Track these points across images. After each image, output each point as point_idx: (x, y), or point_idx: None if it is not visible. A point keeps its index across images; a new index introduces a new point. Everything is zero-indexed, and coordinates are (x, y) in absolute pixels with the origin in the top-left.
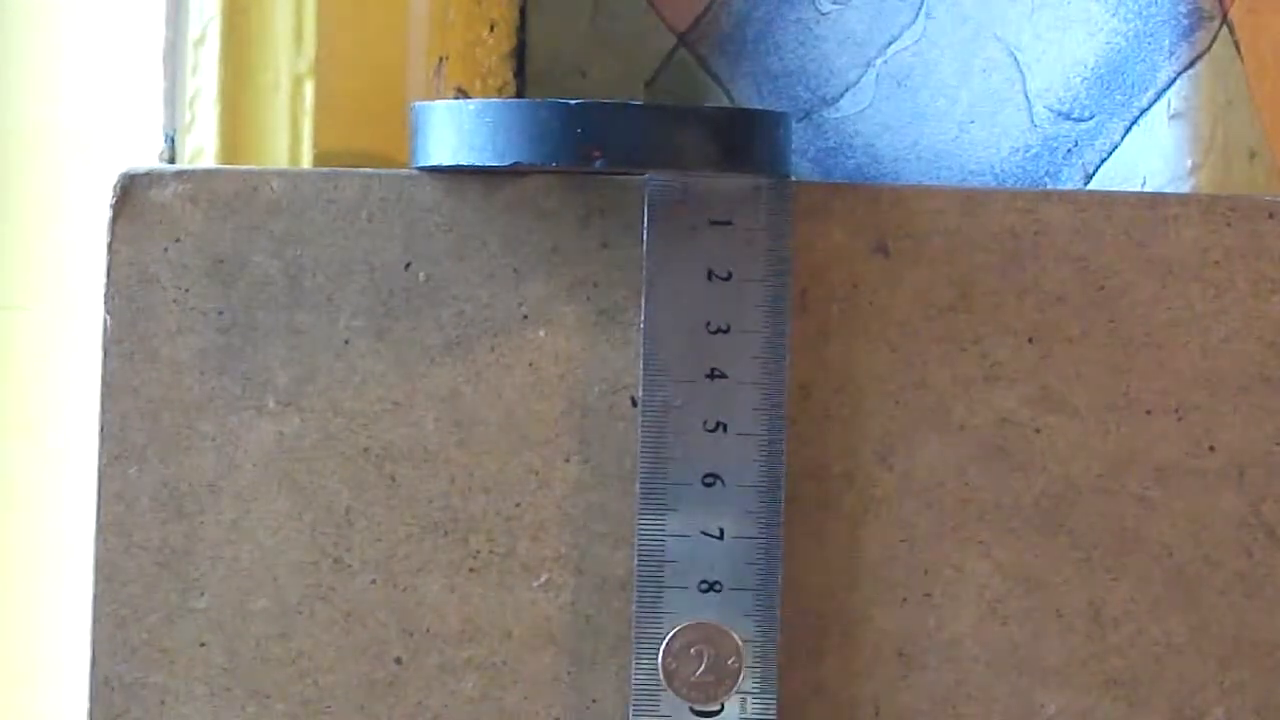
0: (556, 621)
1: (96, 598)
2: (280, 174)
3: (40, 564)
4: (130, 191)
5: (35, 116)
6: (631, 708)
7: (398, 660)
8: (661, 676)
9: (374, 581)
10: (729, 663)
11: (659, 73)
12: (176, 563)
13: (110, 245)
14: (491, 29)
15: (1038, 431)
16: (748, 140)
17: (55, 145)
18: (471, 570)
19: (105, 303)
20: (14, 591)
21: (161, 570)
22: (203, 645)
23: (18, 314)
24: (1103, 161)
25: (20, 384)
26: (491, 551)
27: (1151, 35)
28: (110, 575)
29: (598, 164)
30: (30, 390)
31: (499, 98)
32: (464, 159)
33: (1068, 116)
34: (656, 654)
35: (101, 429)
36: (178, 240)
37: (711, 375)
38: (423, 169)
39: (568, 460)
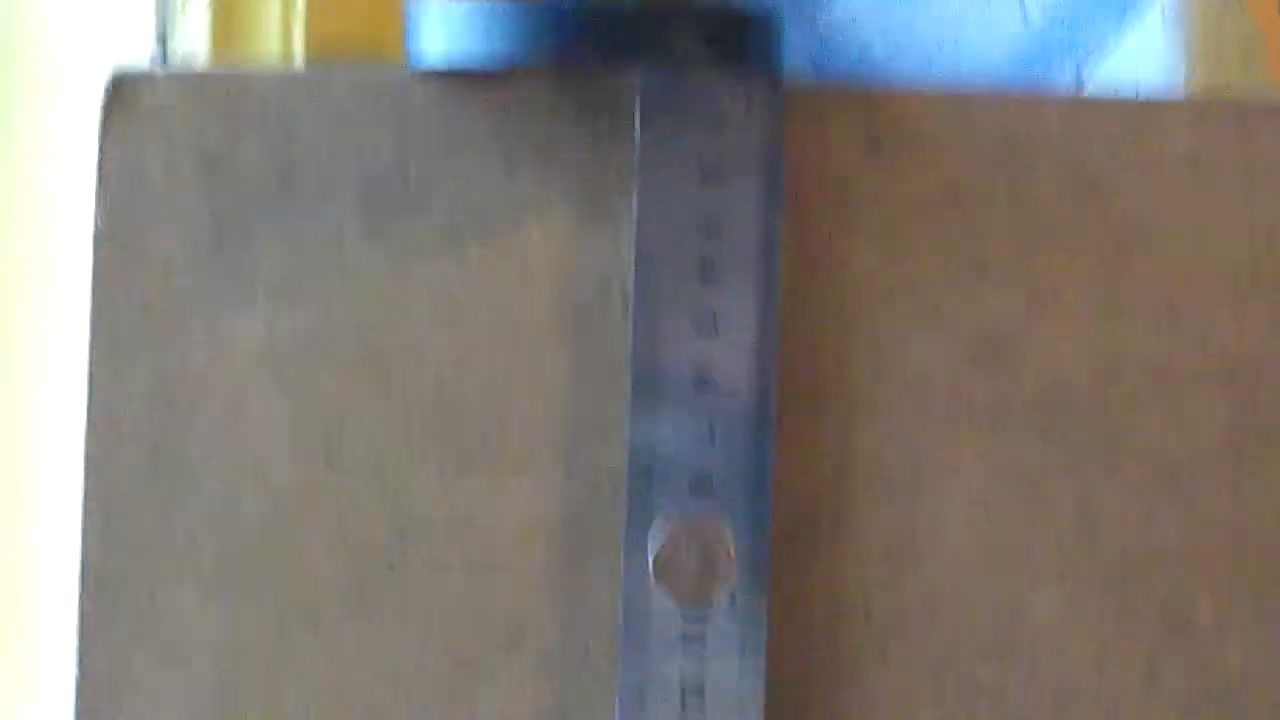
0: (547, 520)
1: (86, 494)
2: (271, 73)
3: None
4: (121, 91)
5: (27, 18)
6: (621, 606)
7: (388, 554)
8: (651, 575)
9: (365, 479)
10: (719, 560)
11: None
12: (167, 461)
13: (101, 145)
14: None
15: (1029, 332)
16: (740, 40)
17: (47, 46)
18: (462, 465)
19: (96, 202)
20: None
21: (152, 468)
22: (193, 542)
23: (8, 215)
24: (1096, 64)
25: (12, 288)
26: (483, 446)
27: None
28: (100, 472)
29: (590, 64)
30: (23, 294)
31: None
32: (457, 59)
33: (1061, 19)
34: (646, 552)
35: (92, 326)
36: (169, 140)
37: (703, 275)
38: (416, 67)
39: (559, 357)
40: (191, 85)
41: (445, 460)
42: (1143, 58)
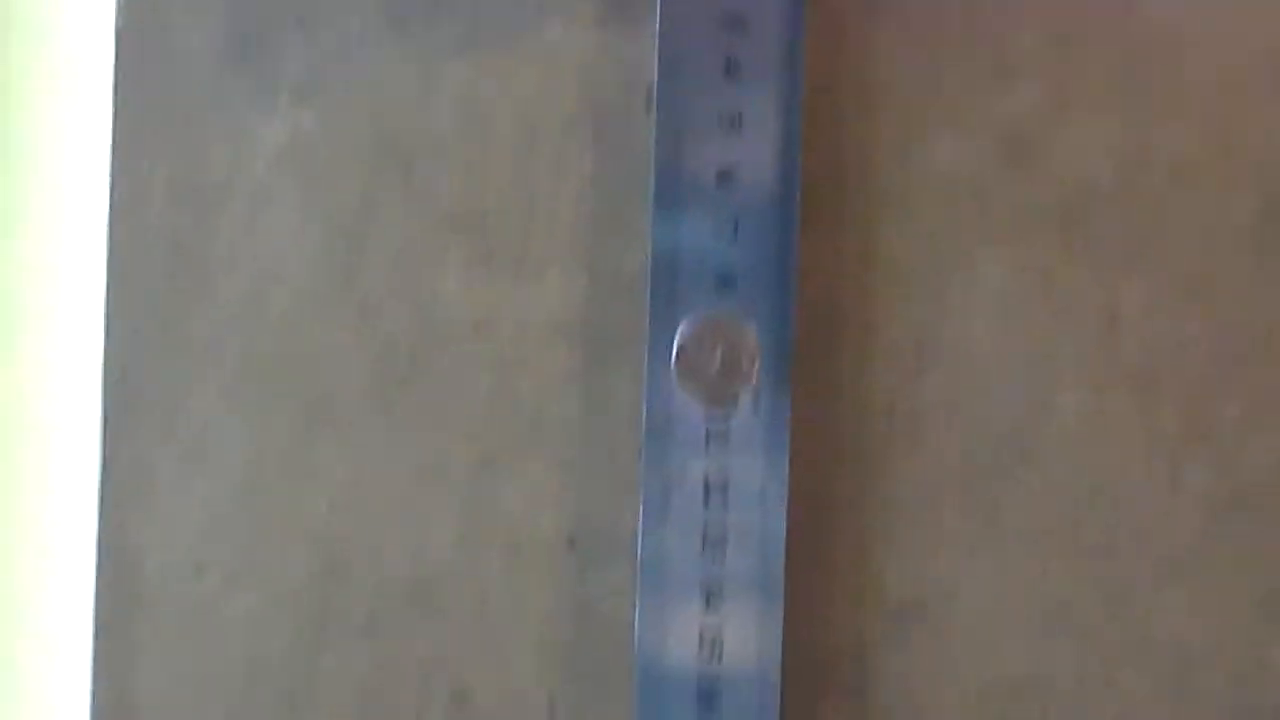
0: (570, 317)
1: (109, 293)
2: None
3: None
4: None
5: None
6: (645, 405)
7: (411, 354)
8: (675, 373)
9: (388, 276)
10: (742, 359)
11: None
12: (190, 257)
13: None
14: None
15: (1054, 132)
16: None
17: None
18: (486, 265)
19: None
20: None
21: (175, 265)
22: (216, 343)
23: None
24: None
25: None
26: (506, 246)
27: None
28: (123, 270)
29: None
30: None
31: None
32: None
33: None
34: (670, 350)
35: (113, 127)
36: None
37: (728, 70)
38: None
39: (583, 155)
40: None
41: (468, 260)
42: None
